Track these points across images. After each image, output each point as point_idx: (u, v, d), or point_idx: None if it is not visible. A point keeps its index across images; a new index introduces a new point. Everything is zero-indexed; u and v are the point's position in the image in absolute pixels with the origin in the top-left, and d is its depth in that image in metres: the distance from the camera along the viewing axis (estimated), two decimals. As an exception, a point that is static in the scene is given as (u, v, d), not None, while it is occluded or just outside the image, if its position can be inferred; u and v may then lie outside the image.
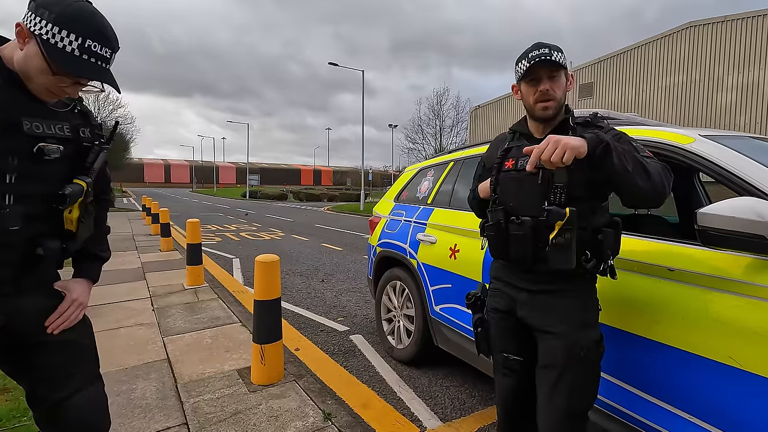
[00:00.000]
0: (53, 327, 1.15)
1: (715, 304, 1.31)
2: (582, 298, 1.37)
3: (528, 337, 1.44)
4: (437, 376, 2.84)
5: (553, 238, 1.25)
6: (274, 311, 2.53)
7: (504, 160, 1.48)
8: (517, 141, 1.50)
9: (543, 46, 1.35)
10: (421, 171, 3.35)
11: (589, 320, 1.36)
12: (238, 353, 2.99)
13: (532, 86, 1.38)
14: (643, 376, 1.49)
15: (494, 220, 1.43)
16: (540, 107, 1.37)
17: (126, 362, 2.82)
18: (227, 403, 2.30)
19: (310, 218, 16.92)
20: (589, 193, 1.31)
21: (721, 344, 1.28)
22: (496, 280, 1.55)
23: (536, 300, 1.39)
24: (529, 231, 1.33)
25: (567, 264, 1.26)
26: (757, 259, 1.25)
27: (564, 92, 1.39)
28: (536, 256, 1.33)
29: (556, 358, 1.32)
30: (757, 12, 14.41)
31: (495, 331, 1.53)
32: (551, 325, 1.35)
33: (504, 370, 1.51)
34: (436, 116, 32.77)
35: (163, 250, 7.38)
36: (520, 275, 1.43)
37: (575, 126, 1.37)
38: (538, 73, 1.35)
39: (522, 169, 1.39)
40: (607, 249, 1.34)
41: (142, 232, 9.96)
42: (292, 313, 4.19)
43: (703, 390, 1.33)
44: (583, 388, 1.33)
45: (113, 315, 3.79)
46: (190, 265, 4.89)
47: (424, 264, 2.76)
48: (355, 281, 5.70)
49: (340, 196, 36.78)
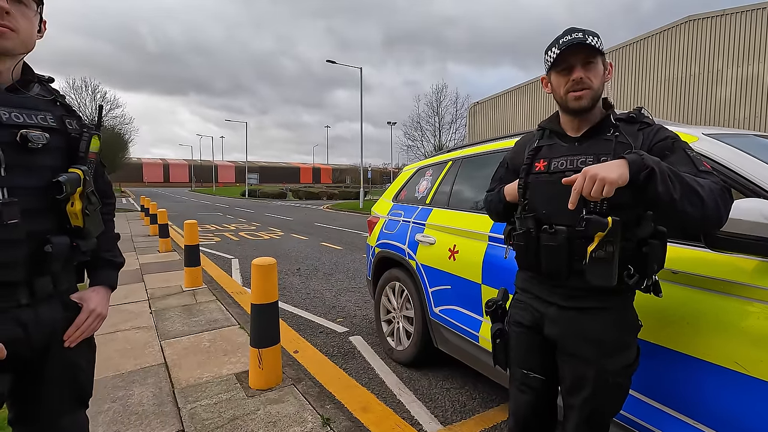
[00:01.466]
0: (71, 341, 1.11)
1: (719, 308, 1.28)
2: (618, 317, 1.24)
3: (552, 354, 1.33)
4: (437, 378, 2.82)
5: (592, 251, 1.10)
6: (272, 315, 2.50)
7: (534, 160, 1.33)
8: (548, 139, 1.36)
9: (576, 30, 1.21)
10: (420, 170, 3.31)
11: (624, 342, 1.24)
12: (236, 357, 2.96)
13: (564, 76, 1.23)
14: (647, 380, 1.46)
15: (524, 228, 1.29)
16: (573, 97, 1.22)
17: (123, 367, 2.79)
18: (225, 409, 2.28)
19: (310, 217, 16.88)
20: (636, 201, 1.12)
21: (727, 349, 1.25)
22: (522, 291, 1.41)
23: (566, 318, 1.26)
24: (564, 242, 1.19)
25: (608, 281, 1.11)
26: (763, 262, 1.22)
27: (602, 82, 1.23)
28: (571, 269, 1.20)
29: (585, 385, 1.22)
30: (755, 6, 14.34)
31: (516, 345, 1.40)
32: (581, 349, 1.23)
33: (522, 387, 1.39)
34: (435, 113, 32.78)
35: (162, 251, 7.34)
36: (550, 289, 1.30)
37: (617, 123, 1.23)
38: (571, 60, 1.21)
39: (555, 172, 1.26)
40: (653, 263, 1.19)
41: (140, 233, 9.93)
42: (291, 314, 4.16)
43: (709, 395, 1.30)
44: (610, 405, 1.27)
45: (110, 318, 3.75)
46: (188, 267, 4.86)
47: (423, 265, 2.73)
48: (354, 280, 5.67)
49: (339, 194, 36.72)
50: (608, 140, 1.21)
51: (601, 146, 1.21)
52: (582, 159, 1.22)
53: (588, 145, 1.24)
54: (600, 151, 1.20)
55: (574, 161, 1.23)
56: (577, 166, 1.20)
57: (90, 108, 35.09)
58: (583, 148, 1.25)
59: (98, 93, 35.77)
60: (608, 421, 1.29)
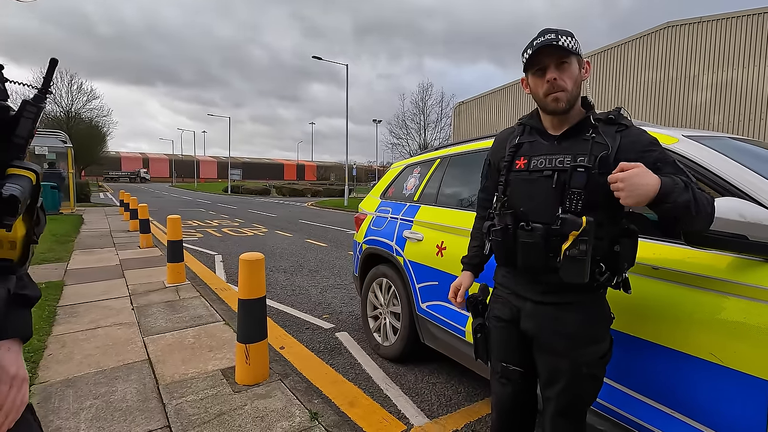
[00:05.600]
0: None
1: (698, 303, 1.34)
2: (592, 311, 1.28)
3: (530, 347, 1.37)
4: (423, 373, 2.85)
5: (566, 249, 1.15)
6: (259, 310, 2.49)
7: (514, 157, 1.35)
8: (528, 136, 1.36)
9: (549, 31, 1.23)
10: (408, 168, 3.34)
11: (596, 335, 1.28)
12: (221, 353, 2.94)
13: (540, 77, 1.25)
14: (627, 372, 1.52)
15: (501, 225, 1.31)
16: (550, 99, 1.23)
17: (104, 364, 2.74)
18: (211, 405, 2.26)
19: (294, 214, 16.76)
20: (610, 201, 1.15)
21: (704, 341, 1.31)
22: (500, 286, 1.45)
23: (541, 312, 1.30)
24: (540, 239, 1.21)
25: (580, 278, 1.16)
26: (738, 258, 1.28)
27: (577, 82, 1.24)
28: (546, 266, 1.23)
29: (560, 377, 1.27)
30: (731, 14, 14.85)
31: (496, 339, 1.44)
32: (555, 343, 1.28)
33: (502, 380, 1.44)
34: (420, 111, 32.88)
35: (143, 246, 7.20)
36: (526, 284, 1.33)
37: (596, 124, 1.25)
38: (544, 61, 1.22)
39: (535, 170, 1.28)
40: (624, 261, 1.24)
41: (120, 228, 9.70)
42: (277, 311, 4.14)
43: (687, 386, 1.36)
44: (585, 395, 1.31)
45: (89, 315, 3.67)
46: (171, 263, 4.77)
47: (410, 261, 2.76)
48: (340, 277, 5.67)
49: (324, 192, 36.54)
50: (586, 140, 1.23)
51: (580, 146, 1.24)
52: (560, 158, 1.25)
53: (567, 144, 1.27)
54: (578, 151, 1.23)
55: (553, 160, 1.26)
56: (556, 166, 1.24)
57: (66, 100, 33.96)
58: (563, 148, 1.27)
59: (74, 84, 34.57)
60: (584, 410, 1.35)
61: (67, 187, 13.92)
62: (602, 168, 1.17)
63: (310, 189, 37.65)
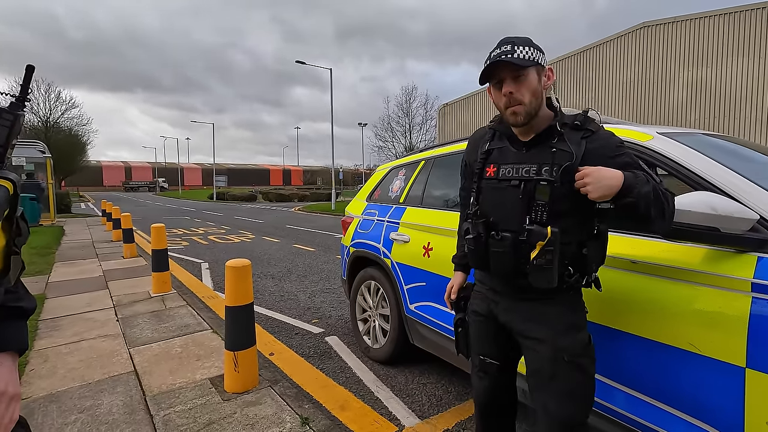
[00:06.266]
0: None
1: (675, 294, 1.38)
2: (567, 304, 1.31)
3: (507, 340, 1.40)
4: (414, 374, 2.87)
5: (533, 258, 1.18)
6: (247, 317, 2.48)
7: (485, 165, 1.36)
8: (498, 141, 1.36)
9: (506, 42, 1.21)
10: (393, 170, 3.36)
11: (575, 323, 1.30)
12: (210, 361, 2.90)
13: (499, 89, 1.25)
14: (609, 364, 1.56)
15: (474, 233, 1.32)
16: (509, 113, 1.24)
17: (89, 377, 2.68)
18: (200, 414, 2.23)
19: (281, 219, 16.65)
20: (576, 207, 1.20)
21: (682, 331, 1.35)
22: (479, 283, 1.48)
23: (517, 307, 1.34)
24: (510, 248, 1.23)
25: (548, 284, 1.20)
26: (711, 250, 1.33)
27: (536, 93, 1.22)
28: (517, 271, 1.25)
29: (543, 365, 1.27)
30: (704, 14, 15.30)
31: (474, 333, 1.48)
32: (535, 331, 1.29)
33: (480, 373, 1.48)
34: (405, 114, 33.03)
35: (127, 256, 7.07)
36: (500, 284, 1.36)
37: (562, 131, 1.24)
38: (500, 74, 1.22)
39: (504, 179, 1.29)
40: (592, 263, 1.27)
41: (102, 239, 9.51)
42: (266, 317, 4.11)
43: (668, 376, 1.40)
44: (574, 393, 1.26)
45: (73, 327, 3.60)
46: (156, 272, 4.70)
47: (398, 263, 2.77)
48: (328, 282, 5.65)
49: (310, 196, 36.42)
50: (552, 148, 1.24)
51: (545, 155, 1.24)
52: (526, 168, 1.25)
53: (534, 152, 1.27)
54: (543, 160, 1.24)
55: (520, 170, 1.27)
56: (522, 175, 1.25)
57: (44, 109, 33.17)
58: (530, 156, 1.27)
59: (52, 92, 33.80)
60: (582, 420, 1.29)
61: (46, 198, 13.61)
62: (565, 178, 1.18)
63: (296, 194, 37.46)
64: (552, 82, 1.27)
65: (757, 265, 1.22)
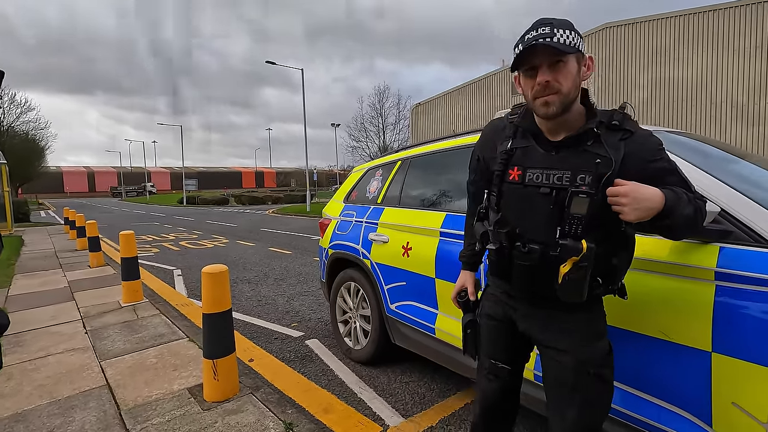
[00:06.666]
0: None
1: (646, 285, 1.44)
2: (589, 312, 1.22)
3: (521, 345, 1.34)
4: (396, 373, 2.88)
5: (566, 273, 1.08)
6: (225, 324, 2.42)
7: (507, 166, 1.21)
8: (521, 140, 1.21)
9: (544, 23, 1.05)
10: (370, 171, 3.36)
11: (598, 331, 1.23)
12: (187, 370, 2.83)
13: (530, 77, 1.09)
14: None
15: (497, 244, 1.19)
16: (540, 103, 1.09)
17: (58, 393, 2.56)
18: (179, 425, 2.17)
19: (255, 222, 16.36)
20: (610, 219, 1.08)
21: (653, 320, 1.42)
22: (494, 286, 1.38)
23: (539, 314, 1.24)
24: (538, 262, 1.12)
25: (579, 299, 1.11)
26: (679, 242, 1.39)
27: (575, 83, 1.08)
28: (543, 285, 1.15)
29: (567, 376, 1.19)
30: (664, 14, 16.03)
31: (486, 336, 1.40)
32: (557, 341, 1.21)
33: (489, 376, 1.40)
34: (379, 114, 33.12)
35: (93, 265, 6.78)
36: (520, 292, 1.27)
37: (599, 132, 1.10)
38: (535, 60, 1.06)
39: (530, 185, 1.15)
40: (621, 272, 1.20)
41: (66, 248, 9.09)
42: (243, 323, 4.03)
43: (640, 363, 1.46)
44: (595, 403, 1.20)
45: (38, 342, 3.42)
46: (126, 281, 4.54)
47: (377, 263, 2.78)
48: (306, 284, 5.60)
49: (284, 198, 35.90)
50: (587, 152, 1.09)
51: (580, 160, 1.10)
52: (558, 174, 1.11)
53: (566, 155, 1.12)
54: (580, 166, 1.09)
55: (551, 176, 1.12)
56: (554, 183, 1.11)
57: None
58: (561, 159, 1.12)
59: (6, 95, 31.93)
60: (598, 426, 1.24)
61: (2, 207, 12.88)
62: (605, 190, 1.05)
63: (270, 196, 36.84)
64: (591, 72, 1.12)
65: (719, 254, 1.30)
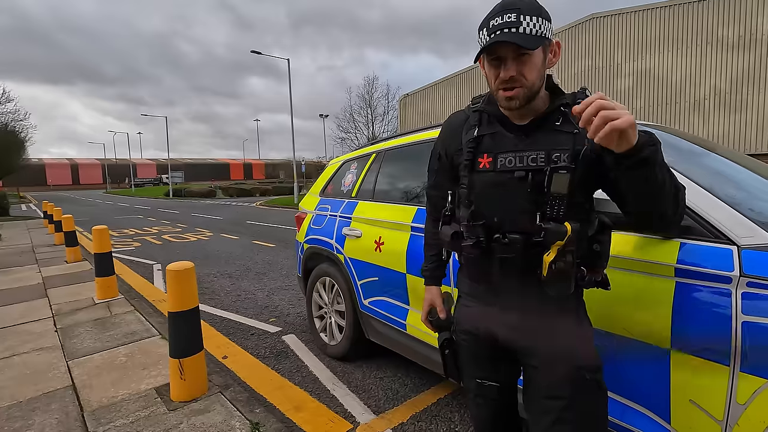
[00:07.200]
0: None
1: (611, 282, 1.41)
2: (574, 310, 1.13)
3: (508, 359, 1.19)
4: (371, 369, 2.85)
5: (551, 262, 0.99)
6: (191, 322, 2.36)
7: (476, 155, 1.12)
8: (488, 126, 1.13)
9: (511, 8, 0.96)
10: (345, 164, 3.29)
11: (586, 334, 1.12)
12: (156, 369, 2.76)
13: (494, 67, 1.02)
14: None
15: (474, 238, 1.09)
16: (502, 96, 1.03)
17: (20, 395, 2.48)
18: (143, 427, 2.11)
19: (241, 215, 16.18)
20: (586, 195, 1.03)
21: (618, 317, 1.39)
22: (466, 296, 1.24)
23: (520, 320, 1.12)
24: (520, 253, 1.04)
25: (567, 291, 1.03)
26: (641, 237, 1.37)
27: (540, 74, 1.02)
28: (526, 280, 1.07)
29: (563, 388, 1.06)
30: (650, 5, 16.06)
31: (466, 355, 1.25)
32: (546, 349, 1.09)
33: (479, 399, 1.25)
34: (367, 105, 32.85)
35: (70, 261, 6.62)
36: (499, 294, 1.15)
37: (565, 111, 1.04)
38: (500, 51, 0.99)
39: (503, 170, 1.07)
40: (603, 260, 1.10)
41: (44, 243, 8.87)
42: (221, 319, 3.97)
43: (606, 362, 1.43)
44: (598, 416, 1.09)
45: (4, 342, 3.32)
46: (100, 277, 4.42)
47: (351, 258, 2.73)
48: (288, 279, 5.54)
49: (273, 190, 35.58)
50: (559, 131, 1.04)
51: (552, 139, 1.04)
52: (532, 155, 1.04)
53: (537, 137, 1.06)
54: (553, 145, 1.03)
55: (524, 158, 1.05)
56: (528, 164, 1.04)
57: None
58: (532, 141, 1.06)
59: None
60: None
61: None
62: (583, 164, 1.00)
63: (258, 188, 36.50)
64: (557, 59, 1.07)
65: (680, 250, 1.27)
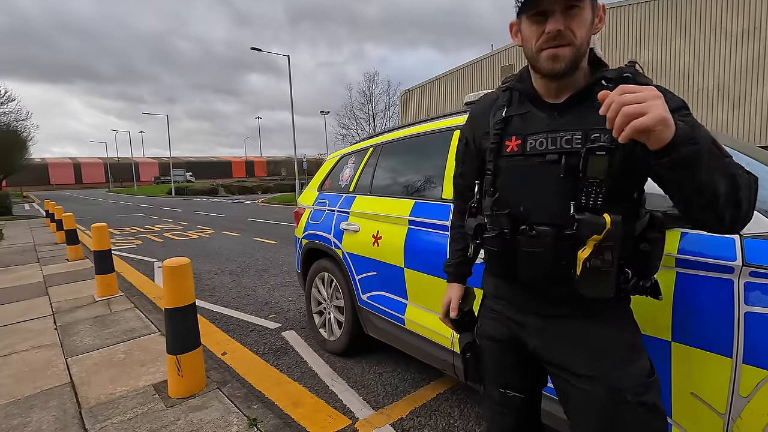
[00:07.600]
0: None
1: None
2: (618, 319, 0.99)
3: (535, 367, 1.08)
4: (370, 364, 2.83)
5: (585, 259, 0.86)
6: (188, 318, 2.34)
7: (503, 137, 1.00)
8: (518, 106, 1.01)
9: None
10: (343, 158, 3.26)
11: (633, 343, 0.98)
12: (155, 366, 2.75)
13: (537, 24, 0.89)
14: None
15: (496, 230, 0.99)
16: (547, 56, 0.89)
17: (19, 392, 2.48)
18: (141, 423, 2.10)
19: (243, 212, 16.19)
20: (632, 184, 0.91)
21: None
22: (493, 297, 1.13)
23: (554, 327, 1.00)
24: (549, 247, 0.92)
25: (605, 293, 0.89)
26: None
27: (589, 34, 0.90)
28: (558, 277, 0.93)
29: (601, 410, 0.93)
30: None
31: (490, 361, 1.14)
32: (582, 364, 0.96)
33: (501, 409, 1.14)
34: (368, 101, 32.74)
35: (71, 259, 6.63)
36: (529, 296, 1.03)
37: (609, 86, 0.89)
38: (546, 3, 0.86)
39: (533, 154, 0.95)
40: (655, 261, 0.97)
41: (46, 242, 8.90)
42: (220, 315, 3.96)
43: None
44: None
45: (4, 340, 3.32)
46: (100, 275, 4.42)
47: (349, 253, 2.70)
48: (289, 275, 5.53)
49: (275, 187, 35.62)
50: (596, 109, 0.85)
51: (591, 118, 0.89)
52: (567, 136, 0.91)
53: (573, 116, 0.93)
54: (591, 125, 0.89)
55: (558, 140, 0.93)
56: (562, 146, 0.91)
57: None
58: (567, 121, 0.93)
59: None
60: None
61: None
62: (627, 147, 0.82)
63: (260, 185, 36.51)
64: (603, 25, 0.95)
65: (681, 240, 1.24)
